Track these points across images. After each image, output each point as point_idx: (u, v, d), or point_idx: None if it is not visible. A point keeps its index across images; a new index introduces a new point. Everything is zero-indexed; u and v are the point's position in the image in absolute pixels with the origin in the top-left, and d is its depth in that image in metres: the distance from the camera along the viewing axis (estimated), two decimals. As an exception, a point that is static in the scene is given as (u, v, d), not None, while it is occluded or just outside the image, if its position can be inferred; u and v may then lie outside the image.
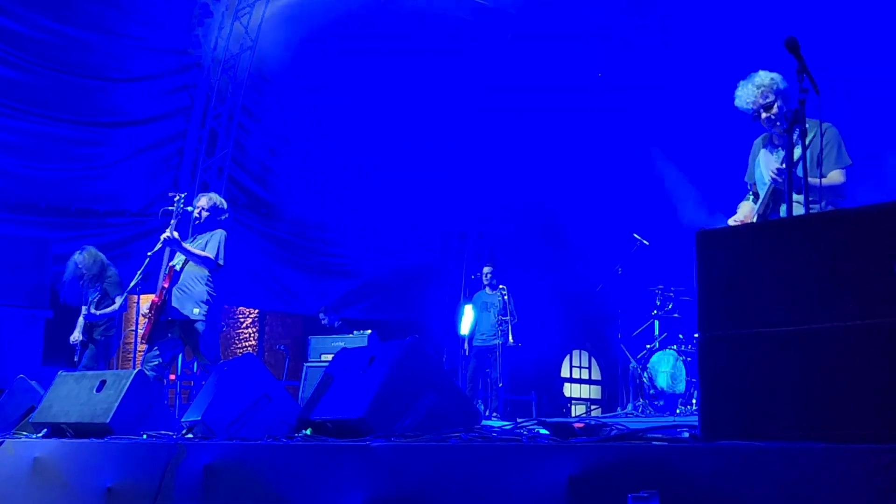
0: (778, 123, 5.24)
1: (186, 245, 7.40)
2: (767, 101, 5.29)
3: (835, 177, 5.16)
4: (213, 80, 12.99)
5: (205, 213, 7.63)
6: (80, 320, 8.89)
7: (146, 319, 7.39)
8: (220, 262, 7.38)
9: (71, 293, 9.00)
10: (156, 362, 7.31)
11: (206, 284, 7.44)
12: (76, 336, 8.85)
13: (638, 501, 2.09)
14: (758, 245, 2.65)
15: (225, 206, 7.82)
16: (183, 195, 7.75)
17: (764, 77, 5.31)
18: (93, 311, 8.83)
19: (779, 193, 5.21)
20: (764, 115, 5.31)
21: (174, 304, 7.36)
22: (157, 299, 7.35)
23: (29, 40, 11.17)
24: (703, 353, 2.70)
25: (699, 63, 11.42)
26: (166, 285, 7.39)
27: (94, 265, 8.98)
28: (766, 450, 2.35)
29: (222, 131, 13.28)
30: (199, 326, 7.36)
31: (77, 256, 8.98)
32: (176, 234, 7.35)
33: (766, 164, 5.49)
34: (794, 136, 3.76)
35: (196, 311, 7.35)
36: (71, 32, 11.50)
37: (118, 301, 8.88)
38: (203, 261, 7.37)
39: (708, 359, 2.69)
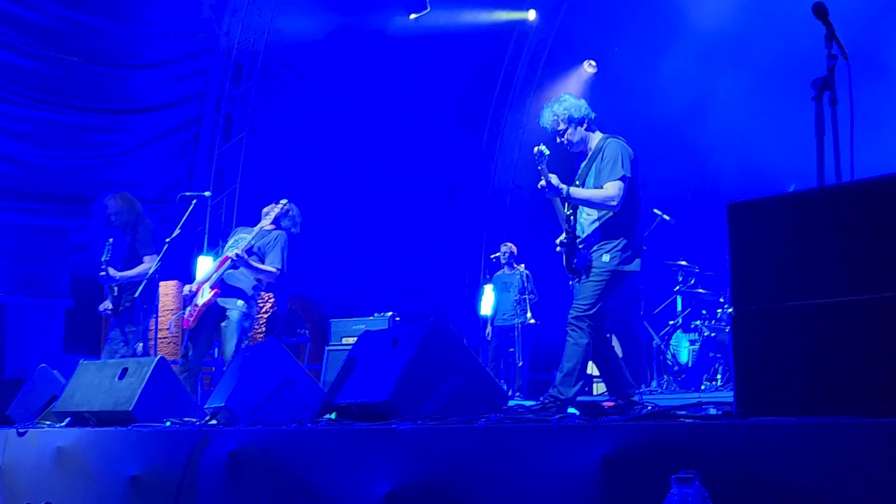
0: (570, 145, 5.87)
1: (254, 262, 7.39)
2: (559, 128, 5.85)
3: (609, 188, 5.61)
4: (228, 63, 12.91)
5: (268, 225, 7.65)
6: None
7: (194, 307, 7.38)
8: (284, 269, 7.48)
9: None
10: (194, 351, 7.34)
11: (256, 280, 7.48)
12: (106, 304, 7.72)
13: (681, 483, 2.04)
14: (792, 216, 2.57)
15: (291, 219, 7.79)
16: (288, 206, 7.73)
17: (559, 106, 5.85)
18: (111, 272, 7.45)
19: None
20: (559, 139, 5.89)
21: (224, 294, 7.37)
22: (216, 290, 7.34)
23: (42, 29, 11.12)
24: (737, 328, 2.63)
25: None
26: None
27: (127, 212, 7.70)
28: (802, 425, 2.30)
29: (238, 116, 13.21)
30: (241, 319, 7.36)
31: (108, 199, 7.75)
32: (243, 254, 7.33)
33: None
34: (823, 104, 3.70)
35: (240, 302, 7.37)
36: (84, 20, 11.44)
37: (148, 262, 7.52)
38: (268, 274, 7.44)
39: (742, 334, 2.62)
